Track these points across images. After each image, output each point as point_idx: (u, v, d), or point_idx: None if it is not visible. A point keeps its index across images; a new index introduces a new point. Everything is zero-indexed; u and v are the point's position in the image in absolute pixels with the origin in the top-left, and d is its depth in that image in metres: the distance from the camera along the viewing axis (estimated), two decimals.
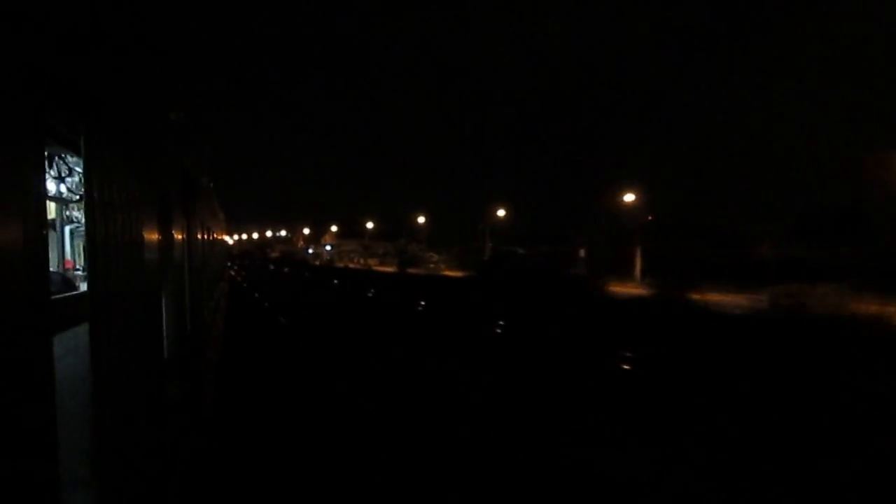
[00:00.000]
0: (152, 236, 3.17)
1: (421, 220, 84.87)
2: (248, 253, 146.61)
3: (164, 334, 3.72)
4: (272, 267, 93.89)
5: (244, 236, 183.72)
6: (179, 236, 4.73)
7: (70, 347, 2.77)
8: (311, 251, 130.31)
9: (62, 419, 1.64)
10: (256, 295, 37.18)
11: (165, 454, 3.38)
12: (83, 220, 2.58)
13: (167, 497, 3.39)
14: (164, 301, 3.79)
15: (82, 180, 2.31)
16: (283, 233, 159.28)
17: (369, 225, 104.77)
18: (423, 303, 32.12)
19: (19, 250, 1.39)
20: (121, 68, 2.68)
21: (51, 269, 4.55)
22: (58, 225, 4.88)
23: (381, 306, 32.43)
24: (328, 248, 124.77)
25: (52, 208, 4.77)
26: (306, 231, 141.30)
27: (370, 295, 39.62)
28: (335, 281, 55.97)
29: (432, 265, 75.15)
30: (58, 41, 1.79)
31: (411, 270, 69.70)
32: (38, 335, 1.51)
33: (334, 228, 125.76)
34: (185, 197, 5.50)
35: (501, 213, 66.45)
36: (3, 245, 1.31)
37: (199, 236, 7.28)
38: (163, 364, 3.50)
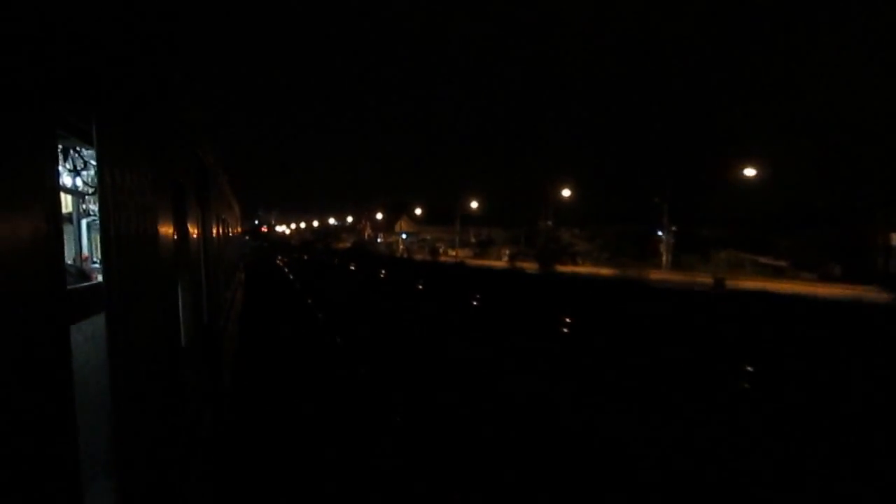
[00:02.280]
0: (167, 226, 3.19)
1: (566, 193, 56.33)
2: (309, 245, 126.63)
3: (181, 323, 3.76)
4: (336, 260, 73.37)
5: (302, 225, 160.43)
6: (194, 226, 4.77)
7: (88, 336, 2.80)
8: (379, 240, 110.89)
9: (81, 406, 1.66)
10: (320, 316, 22.51)
11: (184, 440, 3.41)
12: (98, 211, 2.63)
13: (186, 483, 3.43)
14: (180, 290, 3.82)
15: (97, 172, 2.32)
16: (350, 220, 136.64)
17: (473, 204, 73.97)
18: None
19: (35, 241, 1.41)
20: (132, 57, 2.69)
21: (68, 262, 4.67)
22: (74, 218, 5.01)
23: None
24: (404, 236, 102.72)
25: (68, 202, 4.90)
26: (379, 216, 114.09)
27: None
28: (419, 286, 37.11)
29: (579, 260, 55.86)
30: (69, 31, 1.78)
31: (561, 268, 47.34)
32: (55, 324, 1.53)
33: (419, 211, 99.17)
34: (199, 188, 5.55)
35: (752, 173, 39.50)
36: (19, 236, 1.33)
37: (214, 226, 7.40)
38: (180, 352, 3.54)
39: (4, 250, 1.26)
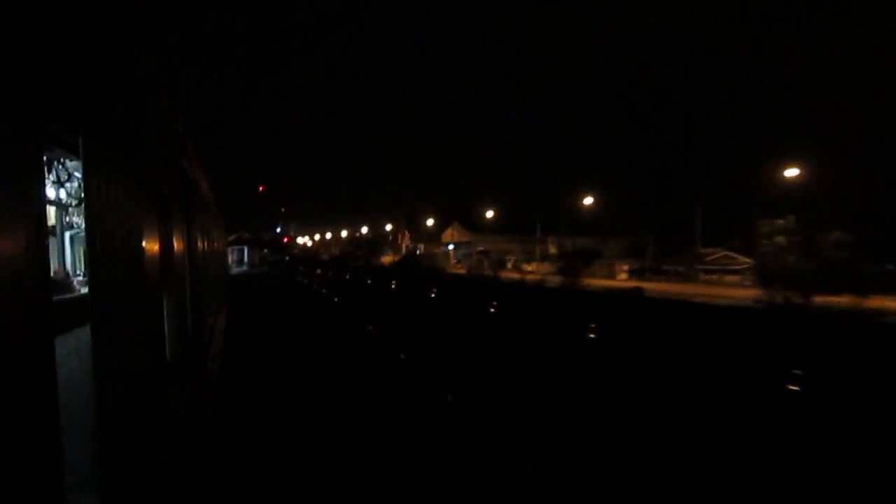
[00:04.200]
0: (152, 238, 3.19)
1: (792, 174, 37.10)
2: (341, 260, 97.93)
3: (166, 336, 3.74)
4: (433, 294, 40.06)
5: (328, 235, 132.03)
6: (179, 240, 4.77)
7: (73, 349, 2.80)
8: (419, 252, 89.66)
9: (64, 420, 1.65)
10: None
11: (168, 455, 3.38)
12: (83, 226, 2.69)
13: (171, 499, 3.38)
14: (164, 303, 3.81)
15: (81, 185, 2.34)
16: (389, 227, 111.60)
17: (587, 200, 54.27)
18: None
19: (20, 253, 1.40)
20: (120, 71, 2.69)
21: (52, 274, 4.71)
22: (58, 230, 5.04)
23: None
24: (451, 247, 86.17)
25: (51, 214, 4.92)
26: (430, 222, 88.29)
27: None
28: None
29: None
30: (56, 43, 1.79)
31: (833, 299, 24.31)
32: (40, 337, 1.52)
33: (490, 214, 72.19)
34: (185, 201, 5.57)
35: None
36: (4, 247, 1.32)
37: (199, 240, 7.43)
38: (164, 366, 3.52)
39: None
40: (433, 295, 39.59)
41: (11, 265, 1.35)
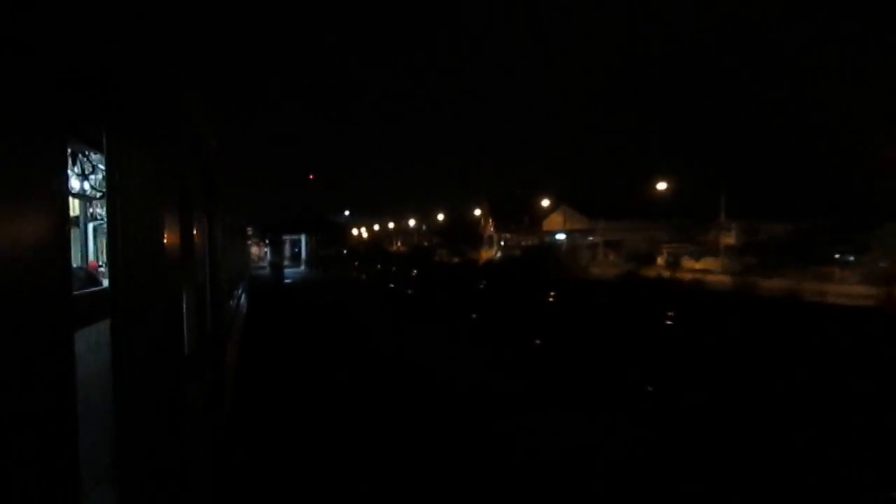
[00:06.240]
0: (173, 233, 3.21)
1: None
2: (421, 257, 69.20)
3: (185, 330, 3.75)
4: None
5: (391, 225, 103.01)
6: (199, 234, 4.80)
7: (92, 343, 2.86)
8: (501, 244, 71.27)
9: (83, 414, 1.66)
10: None
11: (185, 449, 3.41)
12: (106, 217, 2.76)
13: (187, 492, 3.41)
14: (184, 298, 3.83)
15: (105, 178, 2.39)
16: (478, 212, 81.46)
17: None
18: None
19: (42, 246, 1.41)
20: (142, 64, 2.71)
21: (75, 264, 4.81)
22: (81, 221, 5.18)
23: None
24: (561, 236, 63.87)
25: (76, 205, 5.03)
26: (546, 202, 67.66)
27: None
28: None
29: None
30: (80, 39, 1.81)
31: None
32: (60, 331, 1.53)
33: (662, 185, 48.95)
34: (206, 195, 5.62)
35: None
36: (25, 241, 1.33)
37: (220, 234, 7.52)
38: (183, 360, 3.53)
39: (12, 253, 1.25)
40: None
41: (33, 257, 1.35)
